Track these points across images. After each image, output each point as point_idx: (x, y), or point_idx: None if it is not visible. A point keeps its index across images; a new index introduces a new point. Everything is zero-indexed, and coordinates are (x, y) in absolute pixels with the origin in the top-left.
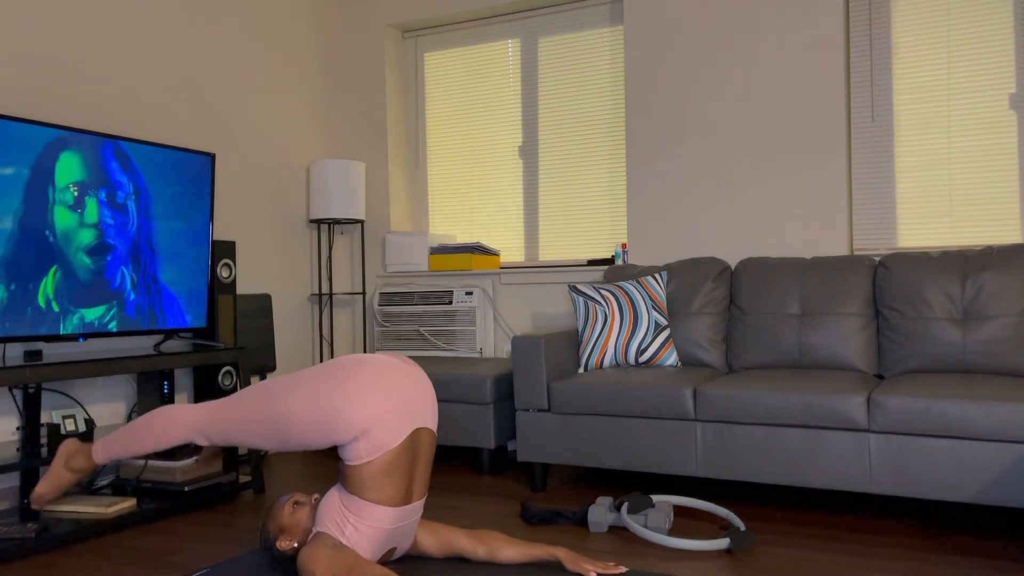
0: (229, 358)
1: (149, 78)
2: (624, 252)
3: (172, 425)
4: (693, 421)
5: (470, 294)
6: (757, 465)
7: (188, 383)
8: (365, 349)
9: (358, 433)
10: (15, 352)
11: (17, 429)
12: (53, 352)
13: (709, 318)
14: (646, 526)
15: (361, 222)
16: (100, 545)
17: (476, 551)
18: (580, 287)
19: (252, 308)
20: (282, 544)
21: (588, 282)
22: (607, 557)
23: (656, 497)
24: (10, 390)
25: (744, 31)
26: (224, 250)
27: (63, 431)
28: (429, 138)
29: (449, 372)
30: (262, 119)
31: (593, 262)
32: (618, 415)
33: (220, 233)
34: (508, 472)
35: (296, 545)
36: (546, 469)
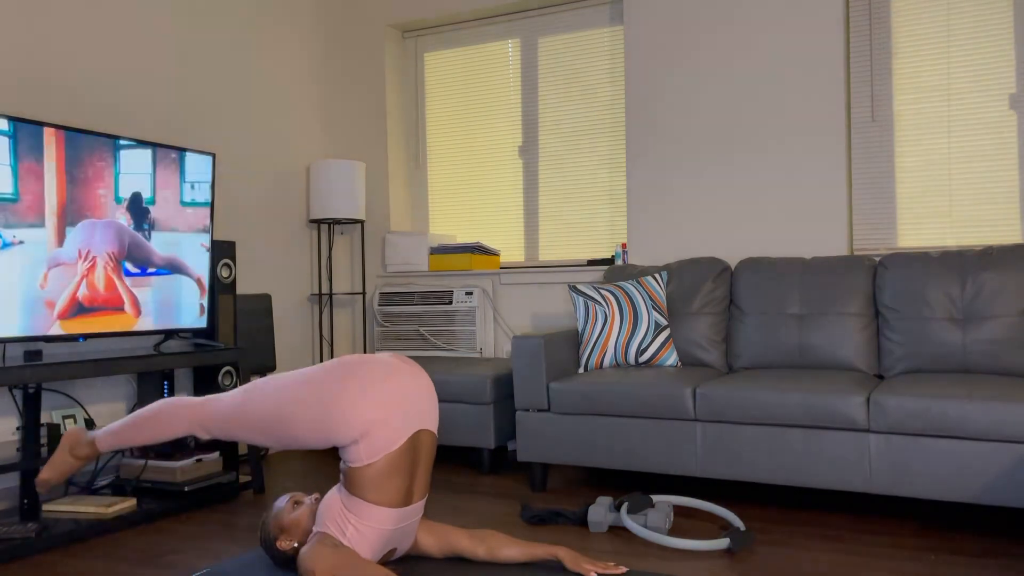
0: (229, 358)
1: (149, 77)
2: (624, 252)
3: (175, 417)
4: (693, 421)
5: (470, 294)
6: (757, 465)
7: (188, 383)
8: (365, 349)
9: (358, 436)
10: (15, 352)
11: (17, 429)
12: (53, 352)
13: (709, 318)
14: (646, 526)
15: (361, 222)
16: (100, 545)
17: (476, 551)
18: (580, 287)
19: (252, 308)
20: (282, 544)
21: (588, 282)
22: (607, 557)
23: (656, 497)
24: (10, 390)
25: (744, 31)
26: (224, 250)
27: (63, 431)
28: (429, 138)
29: (449, 372)
30: (262, 119)
31: (593, 262)
32: (618, 415)
33: (220, 233)
34: (508, 472)
35: (296, 545)
36: (546, 469)
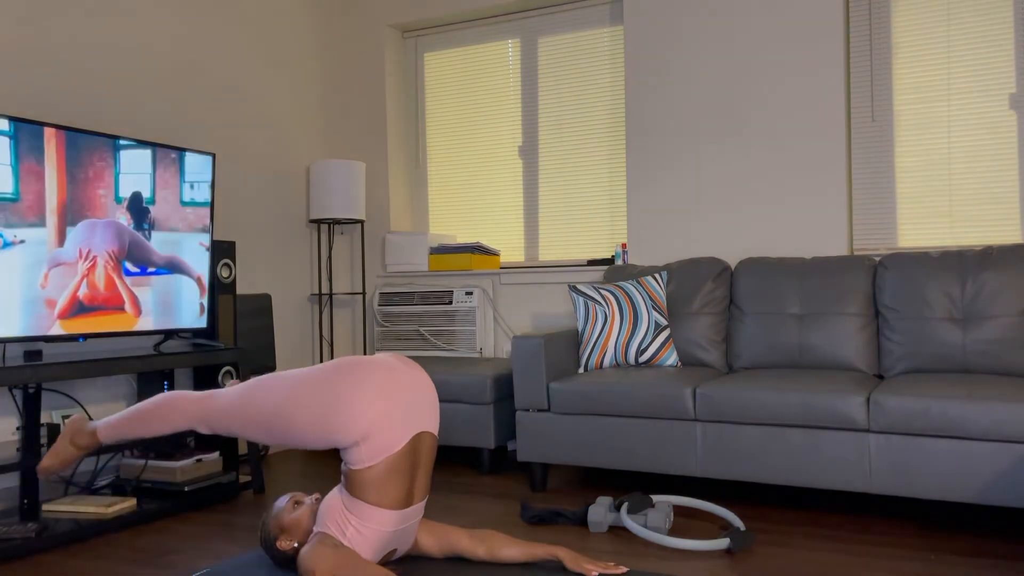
0: (229, 358)
1: (149, 77)
2: (624, 252)
3: (176, 411)
4: (693, 421)
5: (470, 294)
6: (757, 465)
7: (188, 383)
8: (365, 349)
9: (359, 438)
10: (15, 352)
11: (17, 429)
12: (53, 352)
13: (709, 318)
14: (646, 526)
15: (361, 222)
16: (100, 545)
17: (476, 551)
18: (580, 287)
19: (252, 308)
20: (282, 544)
21: (588, 282)
22: (607, 557)
23: (656, 497)
24: (10, 390)
25: (744, 31)
26: (224, 250)
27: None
28: (429, 138)
29: (449, 372)
30: (262, 119)
31: (593, 262)
32: (618, 415)
33: (220, 233)
34: (508, 472)
35: (296, 545)
36: (546, 469)
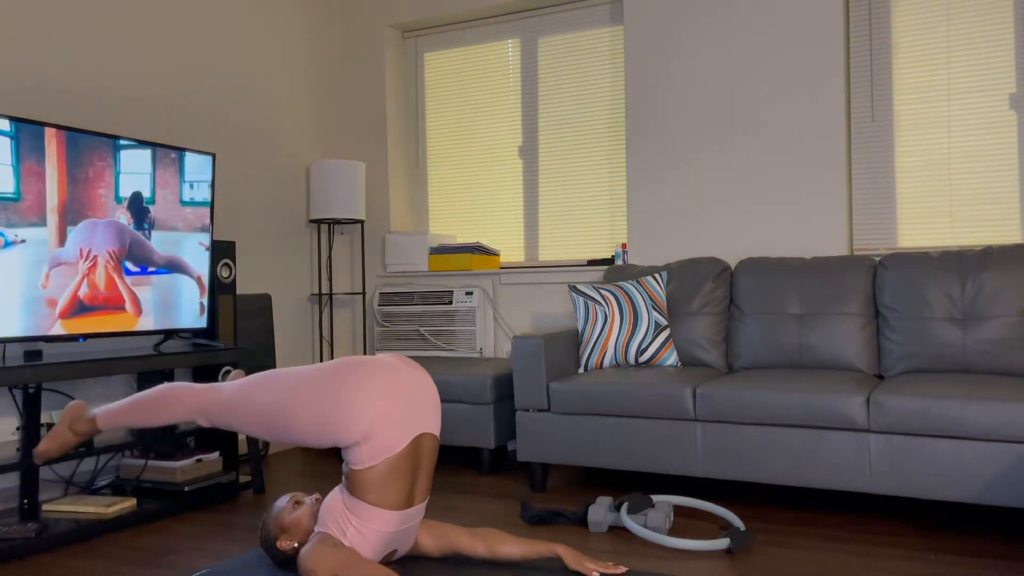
0: (229, 358)
1: (149, 78)
2: (624, 252)
3: (177, 402)
4: (693, 421)
5: (470, 294)
6: (757, 465)
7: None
8: (365, 349)
9: (360, 438)
10: (15, 352)
11: (17, 429)
12: (53, 352)
13: (709, 318)
14: (646, 526)
15: (361, 222)
16: (100, 545)
17: (476, 548)
18: (580, 287)
19: (252, 308)
20: (282, 544)
21: (588, 282)
22: (607, 557)
23: (656, 497)
24: (10, 390)
25: (743, 31)
26: (224, 250)
27: None
28: (429, 138)
29: (449, 372)
30: (262, 119)
31: (593, 262)
32: (618, 415)
33: (220, 233)
34: (508, 472)
35: (296, 545)
36: (546, 469)
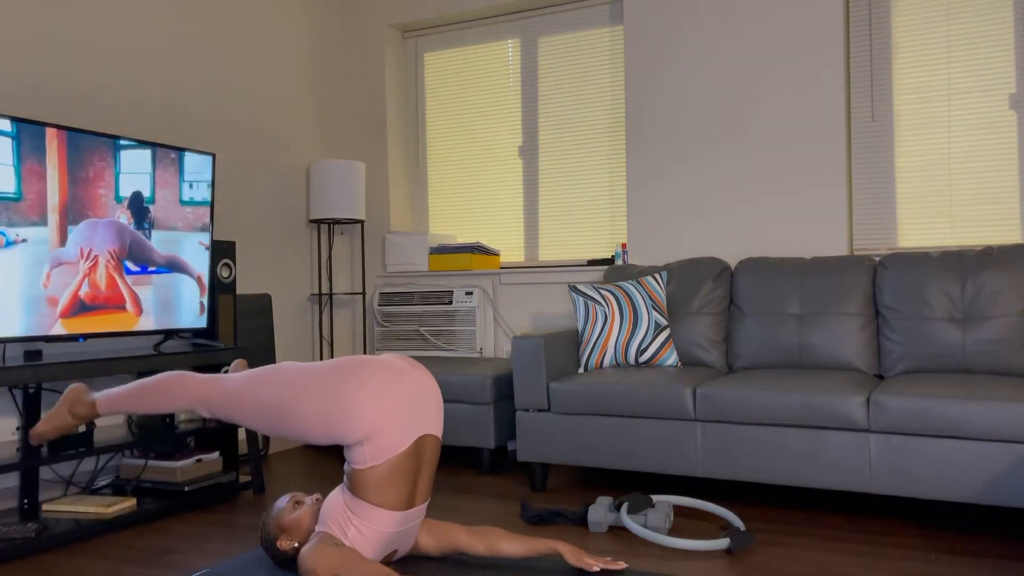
0: (229, 358)
1: (149, 78)
2: (624, 252)
3: (179, 389)
4: (693, 421)
5: (470, 294)
6: (757, 465)
7: None
8: (365, 349)
9: (363, 437)
10: (15, 352)
11: (17, 429)
12: (53, 352)
13: (709, 318)
14: (646, 526)
15: (361, 222)
16: (100, 545)
17: (476, 546)
18: (580, 287)
19: (252, 308)
20: (282, 544)
21: (588, 282)
22: (607, 556)
23: (656, 497)
24: (10, 390)
25: (743, 31)
26: (224, 250)
27: None
28: (429, 138)
29: (449, 372)
30: (262, 119)
31: (593, 262)
32: (618, 415)
33: (220, 233)
34: (508, 472)
35: (296, 545)
36: (546, 469)
